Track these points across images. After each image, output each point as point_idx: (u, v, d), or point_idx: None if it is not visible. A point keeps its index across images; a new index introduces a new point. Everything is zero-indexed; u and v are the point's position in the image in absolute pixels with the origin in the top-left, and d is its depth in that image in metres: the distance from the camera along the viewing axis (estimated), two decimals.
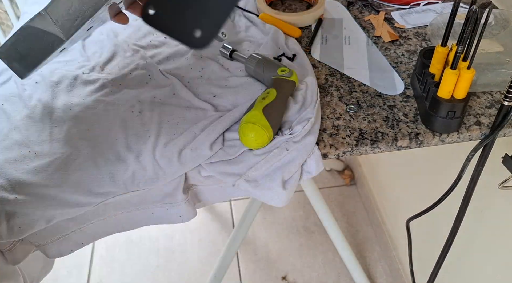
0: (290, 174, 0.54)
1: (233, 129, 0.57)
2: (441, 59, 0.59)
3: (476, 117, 0.61)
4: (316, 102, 0.59)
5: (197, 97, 0.62)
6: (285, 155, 0.53)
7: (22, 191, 0.50)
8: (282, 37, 0.73)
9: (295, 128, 0.55)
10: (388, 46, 0.74)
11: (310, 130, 0.55)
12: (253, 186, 0.53)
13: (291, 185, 0.53)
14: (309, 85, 0.62)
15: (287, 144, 0.54)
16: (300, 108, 0.58)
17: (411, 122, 0.60)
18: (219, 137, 0.55)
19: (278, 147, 0.54)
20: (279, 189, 0.52)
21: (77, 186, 0.51)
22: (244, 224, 1.16)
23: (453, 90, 0.56)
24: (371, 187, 1.47)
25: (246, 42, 0.73)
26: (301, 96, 0.60)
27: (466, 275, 0.94)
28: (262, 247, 1.43)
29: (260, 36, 0.75)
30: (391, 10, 0.82)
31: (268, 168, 0.53)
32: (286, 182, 0.53)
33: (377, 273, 1.37)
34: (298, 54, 0.70)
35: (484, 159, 0.62)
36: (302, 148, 0.54)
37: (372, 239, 1.45)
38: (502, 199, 0.77)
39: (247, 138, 0.53)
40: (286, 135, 0.55)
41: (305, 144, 0.54)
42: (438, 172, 1.00)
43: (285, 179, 0.53)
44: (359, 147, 0.57)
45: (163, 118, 0.58)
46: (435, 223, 1.02)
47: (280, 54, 0.70)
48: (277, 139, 0.54)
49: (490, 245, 0.83)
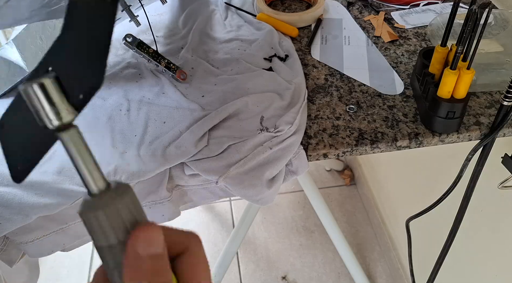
0: (274, 173, 0.54)
1: (219, 127, 0.57)
2: (440, 59, 0.59)
3: (475, 117, 0.61)
4: (302, 103, 0.60)
5: (185, 97, 0.62)
6: (268, 153, 0.53)
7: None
8: (276, 37, 0.73)
9: (280, 128, 0.55)
10: (388, 46, 0.74)
11: (295, 131, 0.56)
12: (236, 183, 0.53)
13: (275, 184, 0.54)
14: (297, 86, 0.62)
15: (271, 143, 0.54)
16: (287, 107, 0.58)
17: (411, 122, 0.60)
18: (205, 135, 0.55)
19: (262, 145, 0.54)
20: (262, 187, 0.52)
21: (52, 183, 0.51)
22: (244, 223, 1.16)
23: (452, 90, 0.56)
24: (371, 187, 1.47)
25: (236, 41, 0.73)
26: (288, 95, 0.60)
27: (466, 275, 0.94)
28: (262, 247, 1.43)
29: (253, 35, 0.75)
30: (391, 10, 0.82)
31: (252, 165, 0.53)
32: (270, 181, 0.54)
33: (377, 273, 1.37)
34: (291, 55, 0.70)
35: (483, 159, 0.62)
36: (286, 148, 0.54)
37: (372, 239, 1.45)
38: (501, 199, 0.77)
39: None
40: (271, 132, 0.55)
41: (289, 144, 0.54)
42: (437, 172, 1.00)
43: (268, 178, 0.53)
44: (359, 147, 0.57)
45: (150, 117, 0.59)
46: (435, 223, 1.02)
47: (272, 55, 0.70)
48: (261, 135, 0.55)
49: (489, 245, 0.83)
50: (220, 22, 0.79)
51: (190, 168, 0.54)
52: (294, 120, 0.56)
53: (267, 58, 0.69)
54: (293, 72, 0.67)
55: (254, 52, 0.70)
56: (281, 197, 1.56)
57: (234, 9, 0.82)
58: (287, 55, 0.70)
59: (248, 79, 0.64)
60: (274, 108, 0.58)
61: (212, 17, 0.80)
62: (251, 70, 0.66)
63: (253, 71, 0.66)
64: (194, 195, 0.60)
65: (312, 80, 0.67)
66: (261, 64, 0.68)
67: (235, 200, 1.57)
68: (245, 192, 0.53)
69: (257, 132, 0.55)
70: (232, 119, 0.58)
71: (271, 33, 0.73)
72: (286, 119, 0.56)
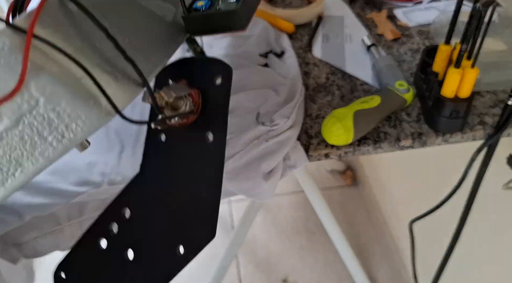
0: (271, 166, 0.53)
1: None
2: (444, 58, 0.58)
3: (480, 117, 0.60)
4: (299, 99, 0.59)
5: None
6: (264, 146, 0.53)
7: None
8: (272, 33, 0.72)
9: (276, 122, 0.54)
10: (391, 44, 0.73)
11: (291, 125, 0.55)
12: (232, 177, 0.52)
13: (272, 177, 0.53)
14: (293, 81, 0.61)
15: (267, 136, 0.53)
16: (283, 103, 0.58)
17: (414, 122, 0.59)
18: None
19: (257, 138, 0.53)
20: (259, 179, 0.52)
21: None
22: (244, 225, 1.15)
23: (456, 89, 0.55)
24: (373, 187, 1.46)
25: (232, 37, 0.72)
26: (284, 91, 0.59)
27: (470, 278, 0.93)
28: (262, 249, 1.42)
29: (249, 31, 0.74)
30: (393, 8, 0.81)
31: (248, 158, 0.52)
32: (267, 174, 0.53)
33: (378, 275, 1.36)
34: (287, 51, 0.69)
35: (488, 159, 0.61)
36: (282, 141, 0.53)
37: (373, 241, 1.44)
38: (506, 199, 0.76)
39: (325, 129, 0.54)
40: (267, 126, 0.54)
41: (285, 137, 0.54)
42: (441, 173, 0.99)
43: (265, 171, 0.53)
44: (361, 147, 0.56)
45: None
46: (438, 224, 1.01)
47: (268, 51, 0.69)
48: (257, 129, 0.54)
49: (494, 246, 0.82)
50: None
51: None
52: (290, 115, 0.55)
53: (262, 54, 0.68)
54: (289, 68, 0.66)
55: (250, 48, 0.69)
56: (282, 198, 1.55)
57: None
58: (283, 52, 0.69)
59: (243, 76, 0.63)
60: (270, 104, 0.57)
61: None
62: (246, 67, 0.65)
63: (248, 68, 0.65)
64: None
65: (313, 79, 0.66)
66: (257, 60, 0.67)
67: (235, 202, 1.56)
68: (242, 185, 0.52)
69: (253, 127, 0.55)
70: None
71: (266, 29, 0.73)
72: (282, 113, 0.55)
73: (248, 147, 0.53)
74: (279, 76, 0.63)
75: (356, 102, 0.56)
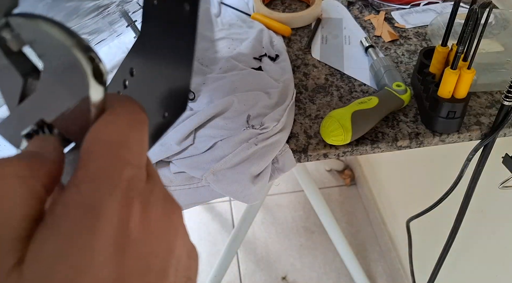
0: (259, 170, 0.54)
1: (206, 126, 0.57)
2: (441, 59, 0.59)
3: (476, 117, 0.61)
4: (290, 102, 0.60)
5: None
6: (254, 150, 0.53)
7: None
8: (267, 36, 0.73)
9: (266, 125, 0.55)
10: (388, 46, 0.74)
11: (281, 129, 0.56)
12: (220, 179, 0.52)
13: (260, 181, 0.53)
14: (285, 84, 0.62)
15: (256, 139, 0.54)
16: (274, 106, 0.58)
17: (411, 122, 0.60)
18: (191, 134, 0.55)
19: (247, 141, 0.54)
20: (247, 183, 0.52)
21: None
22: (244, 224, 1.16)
23: (453, 90, 0.56)
24: (371, 187, 1.47)
25: (227, 39, 0.73)
26: (276, 94, 0.60)
27: (466, 275, 0.94)
28: (262, 247, 1.43)
29: (244, 34, 0.74)
30: (391, 10, 0.82)
31: (236, 161, 0.53)
32: (255, 177, 0.53)
33: (377, 273, 1.37)
34: (281, 54, 0.70)
35: (484, 159, 0.62)
36: (271, 145, 0.54)
37: (372, 239, 1.45)
38: (502, 199, 0.77)
39: (324, 129, 0.55)
40: (256, 129, 0.55)
41: (275, 141, 0.54)
42: (438, 172, 0.99)
43: (253, 174, 0.53)
44: (359, 147, 0.57)
45: None
46: (435, 223, 1.02)
47: (263, 54, 0.70)
48: (247, 132, 0.54)
49: (490, 245, 0.83)
50: (212, 20, 0.79)
51: (175, 165, 0.54)
52: (280, 118, 0.56)
53: (257, 57, 0.69)
54: (282, 71, 0.66)
55: (244, 51, 0.69)
56: (281, 197, 1.56)
57: (227, 8, 0.82)
58: (277, 55, 0.70)
59: (236, 78, 0.63)
60: (261, 107, 0.58)
61: (204, 16, 0.80)
62: (239, 69, 0.66)
63: (241, 70, 0.66)
64: (179, 196, 0.59)
65: (312, 80, 0.67)
66: (251, 64, 0.68)
67: (235, 201, 1.57)
68: (230, 188, 0.53)
69: (243, 129, 0.55)
70: (218, 118, 0.57)
71: (261, 32, 0.73)
72: (273, 117, 0.56)
73: (237, 150, 0.53)
74: (271, 79, 0.64)
75: (354, 103, 0.57)
